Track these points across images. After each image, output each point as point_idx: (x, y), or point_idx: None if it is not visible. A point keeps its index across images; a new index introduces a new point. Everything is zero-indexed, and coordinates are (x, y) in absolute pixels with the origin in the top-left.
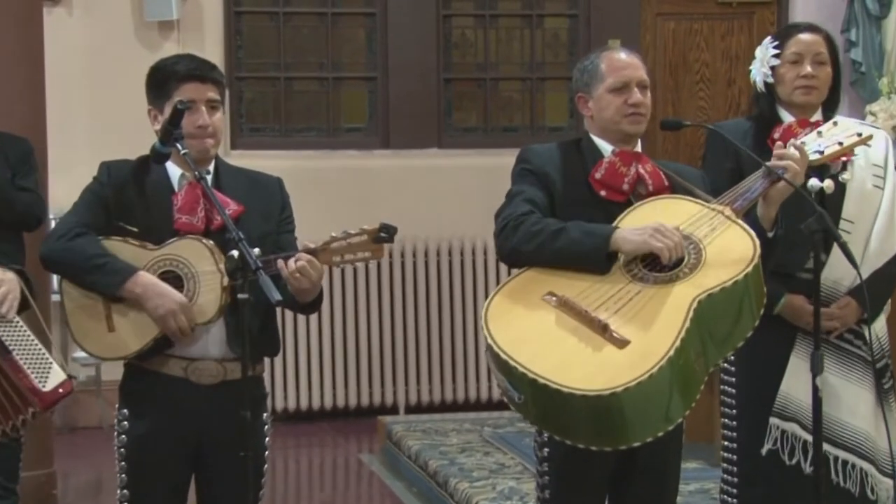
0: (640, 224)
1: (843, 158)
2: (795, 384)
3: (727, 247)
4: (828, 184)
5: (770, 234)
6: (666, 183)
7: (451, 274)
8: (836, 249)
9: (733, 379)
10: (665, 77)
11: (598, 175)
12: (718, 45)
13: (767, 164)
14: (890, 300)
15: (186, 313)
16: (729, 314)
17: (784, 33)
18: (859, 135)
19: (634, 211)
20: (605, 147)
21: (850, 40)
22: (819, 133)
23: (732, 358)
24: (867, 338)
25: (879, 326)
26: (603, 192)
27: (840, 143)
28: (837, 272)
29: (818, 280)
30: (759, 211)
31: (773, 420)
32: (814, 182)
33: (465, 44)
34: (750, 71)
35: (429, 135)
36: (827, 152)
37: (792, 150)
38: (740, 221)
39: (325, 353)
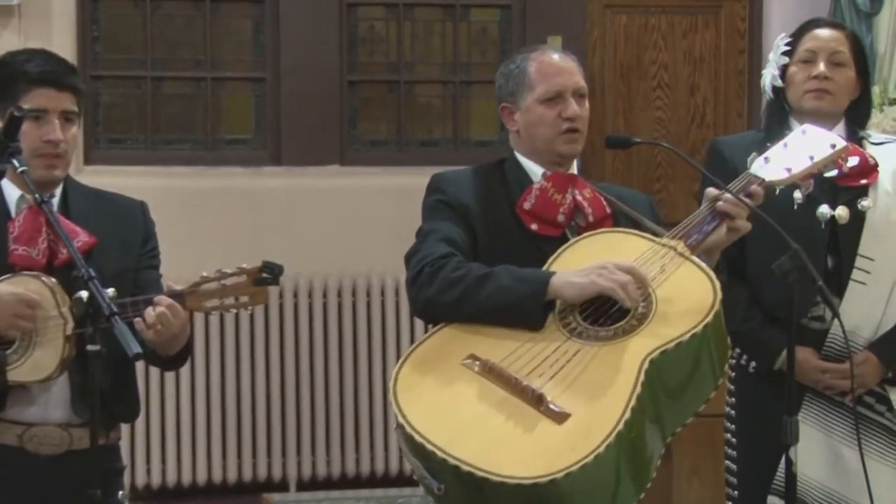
0: (578, 265)
1: (864, 180)
2: (801, 456)
3: (682, 291)
4: (841, 212)
5: None
6: (608, 211)
7: (354, 320)
8: (851, 293)
9: (735, 453)
10: (615, 82)
11: (527, 205)
12: (679, 43)
13: (718, 201)
14: None
15: (31, 304)
16: (687, 373)
17: (799, 29)
18: (833, 146)
19: (570, 249)
20: (535, 170)
21: None
22: (786, 145)
23: (733, 427)
24: (893, 403)
25: None
26: (534, 226)
27: (811, 158)
28: (854, 319)
29: (792, 329)
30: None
31: (773, 500)
32: (824, 210)
33: (374, 39)
34: (761, 76)
35: (329, 149)
36: (796, 169)
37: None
38: (696, 259)
39: (199, 416)
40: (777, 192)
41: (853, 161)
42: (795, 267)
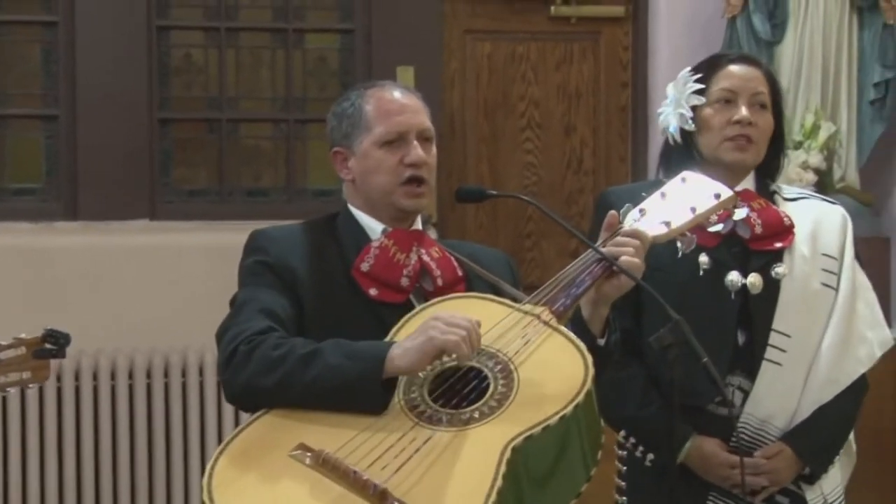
0: None
1: (779, 243)
2: None
3: (548, 367)
4: (754, 280)
5: (601, 342)
6: (460, 273)
7: (167, 403)
8: (764, 374)
9: None
10: (478, 121)
11: (364, 266)
12: (552, 76)
13: (598, 246)
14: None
15: None
16: (556, 462)
17: (709, 63)
18: (717, 196)
19: (416, 318)
20: (373, 225)
21: None
22: (663, 195)
23: None
24: (808, 502)
25: (830, 486)
26: (373, 291)
27: (693, 210)
28: (767, 405)
29: (674, 412)
30: (584, 311)
31: None
32: (734, 277)
33: (192, 69)
34: (658, 115)
35: (136, 200)
36: (676, 223)
37: (636, 229)
38: (564, 329)
39: None
40: (679, 251)
41: (741, 213)
42: (677, 341)
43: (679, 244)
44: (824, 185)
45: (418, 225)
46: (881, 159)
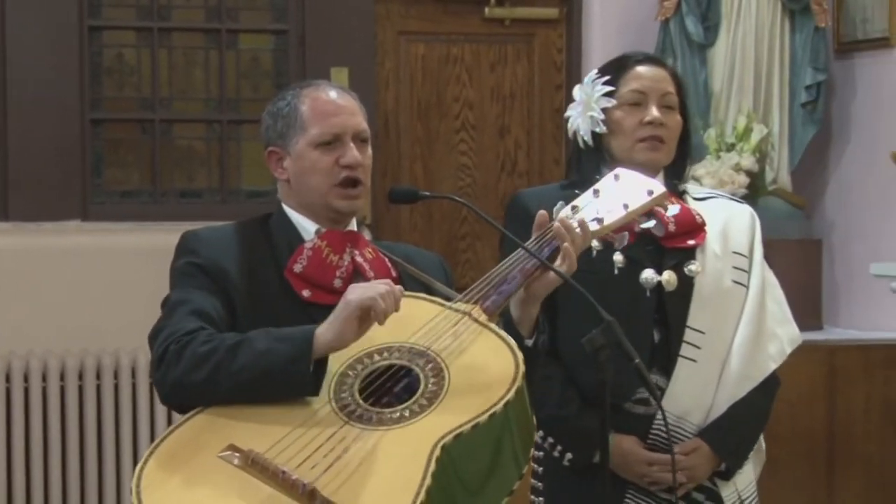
0: None
1: (692, 241)
2: None
3: (478, 364)
4: (668, 277)
5: (529, 342)
6: (393, 274)
7: (99, 405)
8: (680, 371)
9: None
10: (412, 122)
11: (297, 268)
12: (487, 78)
13: (528, 245)
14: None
15: None
16: (487, 460)
17: (616, 65)
18: (650, 193)
19: None
20: (307, 226)
21: None
22: (596, 192)
23: None
24: (725, 501)
25: (744, 483)
26: (306, 293)
27: (626, 207)
28: (683, 402)
29: (605, 414)
30: (513, 311)
31: None
32: (648, 274)
33: (124, 69)
34: (567, 118)
35: (68, 201)
36: (609, 220)
37: (570, 223)
38: (495, 327)
39: None
40: (592, 250)
41: (674, 209)
42: (609, 342)
43: (613, 241)
44: (756, 187)
45: (353, 225)
46: (813, 162)
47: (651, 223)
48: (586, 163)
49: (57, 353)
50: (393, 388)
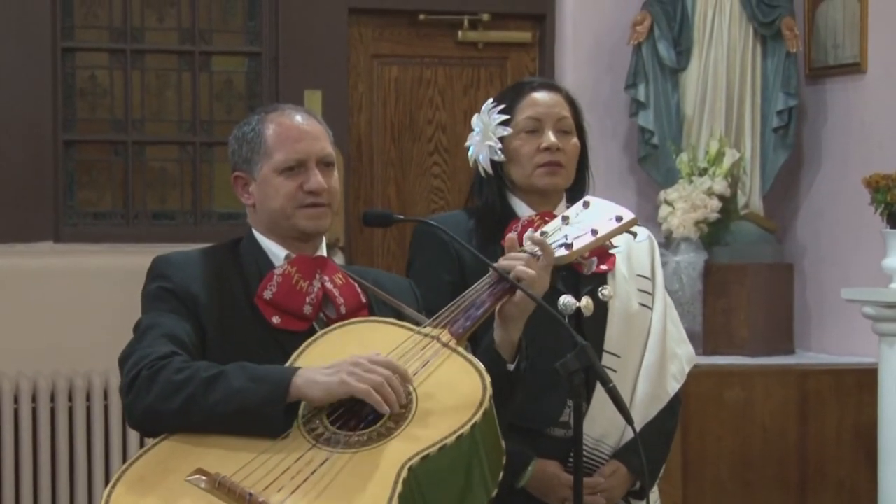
0: (327, 361)
1: (603, 266)
2: None
3: (445, 387)
4: (586, 302)
5: (511, 367)
6: (363, 300)
7: (71, 427)
8: (598, 395)
9: None
10: (385, 145)
11: (267, 294)
12: (460, 101)
13: (496, 265)
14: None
15: None
16: (454, 483)
17: (512, 93)
18: (619, 219)
19: (317, 342)
20: (277, 252)
21: (638, 100)
22: (565, 219)
23: None
24: None
25: (654, 500)
26: (276, 319)
27: (594, 232)
28: (600, 427)
29: (579, 439)
30: (495, 335)
31: None
32: (567, 300)
33: (97, 91)
34: (468, 148)
35: (40, 222)
36: (577, 245)
37: (529, 246)
38: (462, 350)
39: None
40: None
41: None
42: (582, 366)
43: (582, 266)
44: (728, 211)
45: (323, 250)
46: (784, 186)
47: (619, 249)
48: (488, 190)
49: (28, 374)
50: (360, 411)
